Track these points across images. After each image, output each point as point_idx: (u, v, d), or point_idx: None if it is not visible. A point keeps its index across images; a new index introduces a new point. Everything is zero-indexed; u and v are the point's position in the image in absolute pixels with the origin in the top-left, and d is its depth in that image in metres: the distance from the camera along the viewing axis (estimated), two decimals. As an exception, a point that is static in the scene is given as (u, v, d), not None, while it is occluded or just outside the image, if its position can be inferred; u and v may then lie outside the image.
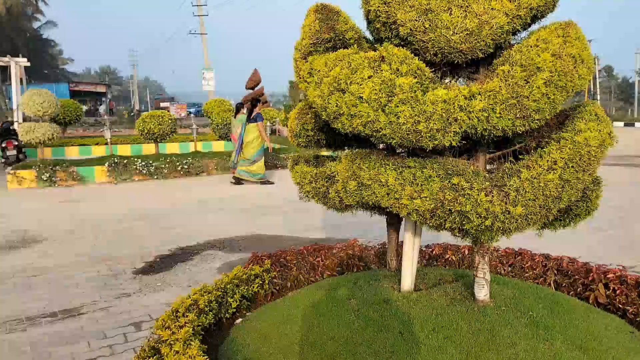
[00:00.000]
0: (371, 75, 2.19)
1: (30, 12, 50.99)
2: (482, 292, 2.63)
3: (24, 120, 21.38)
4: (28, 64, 25.83)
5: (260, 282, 3.48)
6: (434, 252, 4.05)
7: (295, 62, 2.74)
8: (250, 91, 21.46)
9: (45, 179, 10.71)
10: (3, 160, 13.21)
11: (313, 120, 2.90)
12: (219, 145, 16.55)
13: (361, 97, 2.18)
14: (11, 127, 13.80)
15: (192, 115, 31.96)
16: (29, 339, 3.62)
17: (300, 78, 2.71)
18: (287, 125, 3.42)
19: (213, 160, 12.46)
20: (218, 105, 16.98)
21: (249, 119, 10.53)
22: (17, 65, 25.29)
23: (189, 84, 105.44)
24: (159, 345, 2.51)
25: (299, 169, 3.04)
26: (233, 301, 3.20)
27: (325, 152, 3.25)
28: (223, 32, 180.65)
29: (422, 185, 2.26)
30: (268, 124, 15.98)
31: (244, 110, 10.60)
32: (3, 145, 13.07)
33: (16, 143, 13.02)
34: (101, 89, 52.50)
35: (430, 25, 2.23)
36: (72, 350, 3.42)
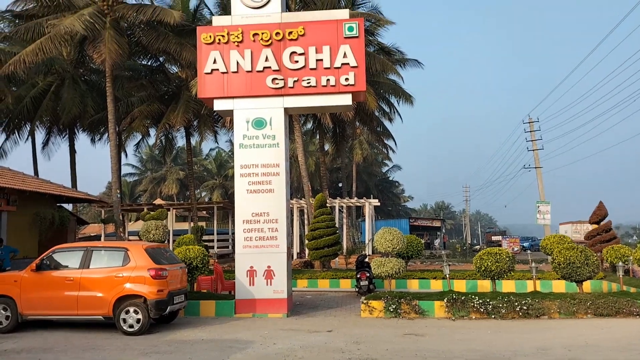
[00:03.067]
0: None
1: (381, 159, 59.66)
2: None
3: (373, 253, 24.30)
4: (378, 203, 29.87)
5: None
6: None
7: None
8: (595, 226, 19.49)
9: (391, 310, 11.66)
10: (357, 289, 15.06)
11: None
12: (559, 285, 15.28)
13: None
14: (365, 261, 15.77)
15: (527, 250, 30.70)
16: None
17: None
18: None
19: (555, 302, 11.50)
20: (558, 241, 15.94)
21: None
22: (370, 205, 29.51)
23: (521, 216, 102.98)
24: None
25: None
26: None
27: None
28: (558, 163, 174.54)
29: None
30: (620, 263, 14.07)
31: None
32: (358, 275, 14.99)
33: (368, 274, 14.77)
34: (436, 223, 56.04)
35: None
36: None
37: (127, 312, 9.80)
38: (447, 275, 13.61)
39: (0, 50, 23.57)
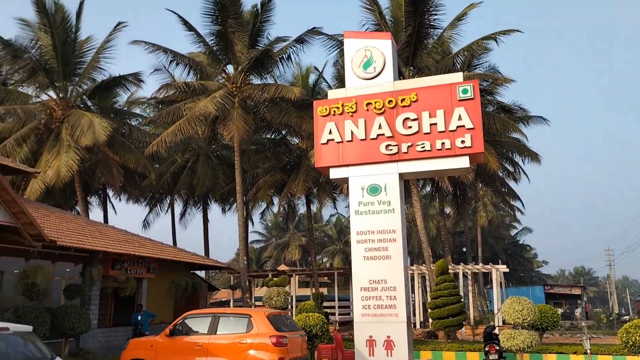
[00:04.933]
0: None
1: (508, 222, 56.54)
2: None
3: (504, 323, 22.60)
4: (507, 270, 28.01)
5: None
6: None
7: None
8: None
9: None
10: (486, 363, 13.99)
11: None
12: None
13: None
14: (493, 332, 14.71)
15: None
16: None
17: None
18: None
19: None
20: None
21: None
22: (497, 271, 27.77)
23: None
24: None
25: None
26: None
27: None
28: None
29: None
30: None
31: None
32: (486, 348, 13.96)
33: (498, 347, 13.70)
34: (576, 291, 50.98)
35: None
36: None
37: (250, 379, 9.97)
38: (589, 351, 12.19)
39: (147, 133, 26.67)
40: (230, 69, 24.54)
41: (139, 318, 16.10)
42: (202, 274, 25.92)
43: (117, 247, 15.80)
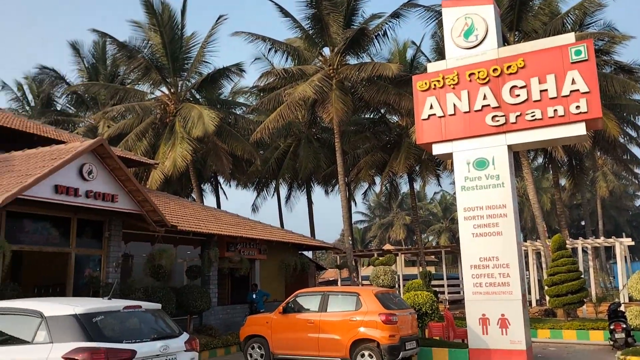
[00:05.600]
0: None
1: (632, 191, 51.93)
2: None
3: (630, 300, 20.92)
4: (632, 243, 25.81)
5: None
6: None
7: None
8: None
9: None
10: (611, 342, 13.08)
11: None
12: None
13: None
14: (619, 309, 13.67)
15: None
16: None
17: None
18: None
19: None
20: None
21: None
22: (621, 245, 25.68)
23: None
24: None
25: None
26: None
27: None
28: None
29: None
30: None
31: None
32: (612, 327, 13.04)
33: (624, 326, 12.73)
34: None
35: None
36: None
37: (362, 355, 10.15)
38: None
39: (250, 121, 27.72)
40: (326, 51, 24.73)
41: (254, 297, 16.96)
42: (309, 254, 26.65)
43: (230, 231, 16.68)
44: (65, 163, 10.43)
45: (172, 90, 25.60)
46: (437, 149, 12.49)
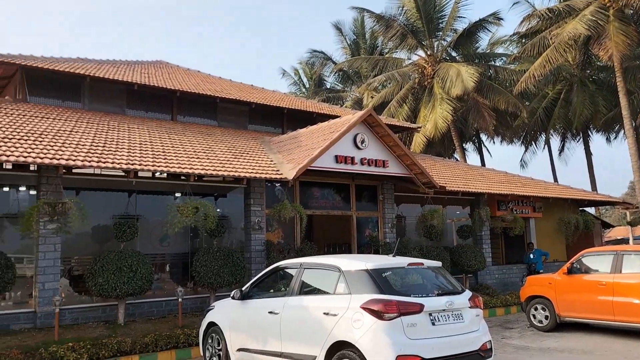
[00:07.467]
0: None
1: None
2: None
3: None
4: None
5: None
6: None
7: None
8: None
9: None
10: None
11: None
12: None
13: None
14: None
15: None
16: None
17: None
18: None
19: None
20: None
21: None
22: None
23: None
24: None
25: None
26: None
27: None
28: None
29: None
30: None
31: None
32: None
33: None
34: None
35: None
36: None
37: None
38: None
39: (513, 71, 25.99)
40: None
41: (532, 257, 16.13)
42: (591, 210, 24.00)
43: (500, 189, 16.10)
44: (341, 135, 11.49)
45: (428, 52, 25.67)
46: None
